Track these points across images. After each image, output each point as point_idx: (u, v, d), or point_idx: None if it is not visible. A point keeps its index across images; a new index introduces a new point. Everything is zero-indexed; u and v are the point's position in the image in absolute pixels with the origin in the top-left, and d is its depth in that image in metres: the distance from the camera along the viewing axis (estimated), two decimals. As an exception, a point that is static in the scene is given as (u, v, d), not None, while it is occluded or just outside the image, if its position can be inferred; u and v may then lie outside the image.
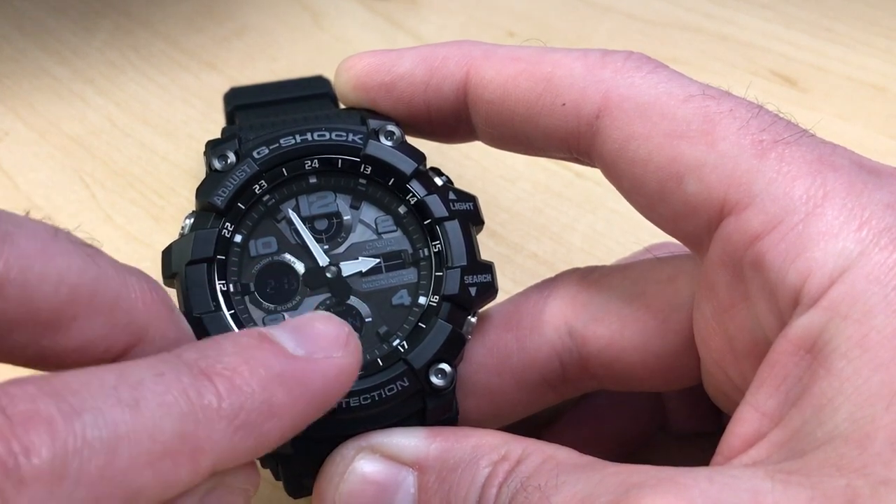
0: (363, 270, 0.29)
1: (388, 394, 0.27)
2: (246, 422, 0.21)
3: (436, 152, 0.33)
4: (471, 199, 0.30)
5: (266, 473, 0.29)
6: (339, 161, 0.29)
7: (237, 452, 0.21)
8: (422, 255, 0.29)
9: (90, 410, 0.18)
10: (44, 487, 0.17)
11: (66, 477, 0.18)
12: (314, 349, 0.23)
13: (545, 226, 0.45)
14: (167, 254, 0.28)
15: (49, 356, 0.22)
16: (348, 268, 0.29)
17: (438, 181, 0.30)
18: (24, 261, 0.21)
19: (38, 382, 0.19)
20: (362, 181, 0.30)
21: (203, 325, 0.27)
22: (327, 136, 0.29)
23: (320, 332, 0.23)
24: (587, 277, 0.30)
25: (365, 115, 0.30)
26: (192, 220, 0.28)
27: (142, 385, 0.20)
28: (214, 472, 0.21)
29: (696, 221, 0.26)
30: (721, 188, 0.25)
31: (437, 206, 0.29)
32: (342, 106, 0.32)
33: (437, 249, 0.29)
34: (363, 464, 0.26)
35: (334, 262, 0.29)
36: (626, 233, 0.44)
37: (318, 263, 0.29)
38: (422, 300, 0.29)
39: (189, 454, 0.20)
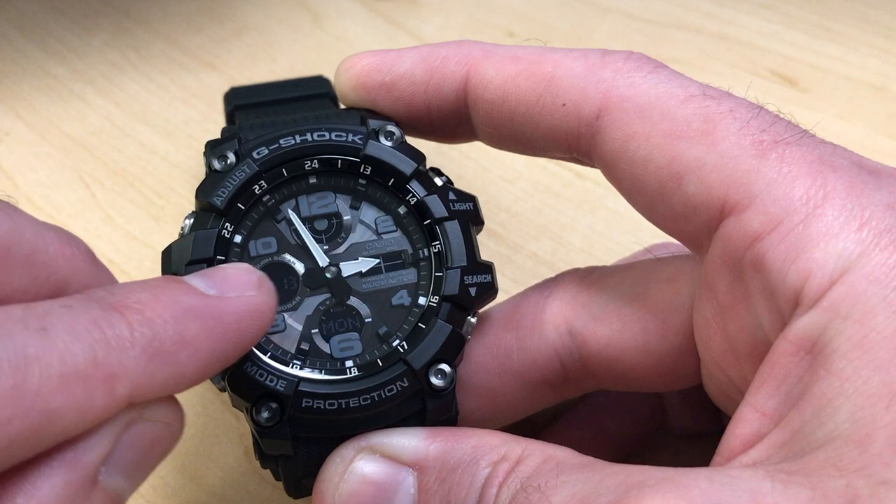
0: (363, 271, 0.29)
1: (387, 394, 0.27)
2: (160, 350, 0.21)
3: (435, 152, 0.33)
4: (471, 199, 0.30)
5: (266, 473, 0.29)
6: (339, 161, 0.29)
7: (153, 381, 0.21)
8: (422, 256, 0.29)
9: None
10: None
11: None
12: (226, 289, 0.23)
13: (545, 226, 0.45)
14: (167, 254, 0.28)
15: None
16: (348, 268, 0.29)
17: (438, 181, 0.30)
18: None
19: None
20: (362, 181, 0.30)
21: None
22: (327, 137, 0.29)
23: (231, 275, 0.24)
24: (587, 277, 0.30)
25: (365, 115, 0.30)
26: (192, 220, 0.28)
27: (50, 314, 0.20)
28: (132, 402, 0.21)
29: (696, 222, 0.26)
30: (721, 188, 0.25)
31: (436, 206, 0.29)
32: (342, 106, 0.32)
33: (436, 250, 0.29)
34: (363, 464, 0.26)
35: (334, 262, 0.29)
36: (626, 233, 0.44)
37: (317, 264, 0.29)
38: (422, 300, 0.29)
39: (103, 380, 0.20)
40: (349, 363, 0.28)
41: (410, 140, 0.30)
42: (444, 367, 0.28)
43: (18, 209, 0.23)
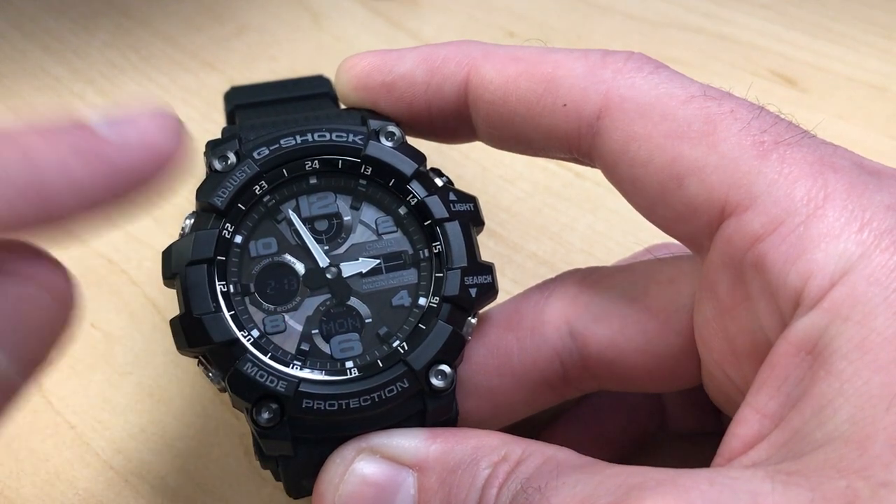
0: (363, 271, 0.29)
1: (387, 395, 0.27)
2: (33, 186, 0.19)
3: (436, 152, 0.33)
4: (471, 199, 0.30)
5: (266, 474, 0.29)
6: (340, 162, 0.29)
7: (26, 215, 0.19)
8: (422, 256, 0.29)
9: None
10: None
11: None
12: (126, 133, 0.21)
13: (545, 226, 0.45)
14: (167, 254, 0.28)
15: None
16: (348, 268, 0.29)
17: (439, 182, 0.30)
18: None
19: None
20: (363, 182, 0.30)
21: (203, 325, 0.27)
22: (328, 137, 0.29)
23: (134, 115, 0.22)
24: (588, 278, 0.30)
25: (365, 115, 0.30)
26: (193, 220, 0.28)
27: None
28: (5, 229, 0.19)
29: (696, 223, 0.26)
30: (722, 189, 0.25)
31: (437, 206, 0.29)
32: (343, 106, 0.32)
33: (437, 250, 0.29)
34: (363, 465, 0.26)
35: (334, 262, 0.29)
36: (626, 233, 0.44)
37: (318, 264, 0.29)
38: (422, 301, 0.29)
39: None
40: (349, 364, 0.28)
41: (411, 140, 0.30)
42: (445, 367, 0.28)
43: None
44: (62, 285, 0.21)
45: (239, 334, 0.27)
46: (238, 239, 0.29)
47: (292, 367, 0.27)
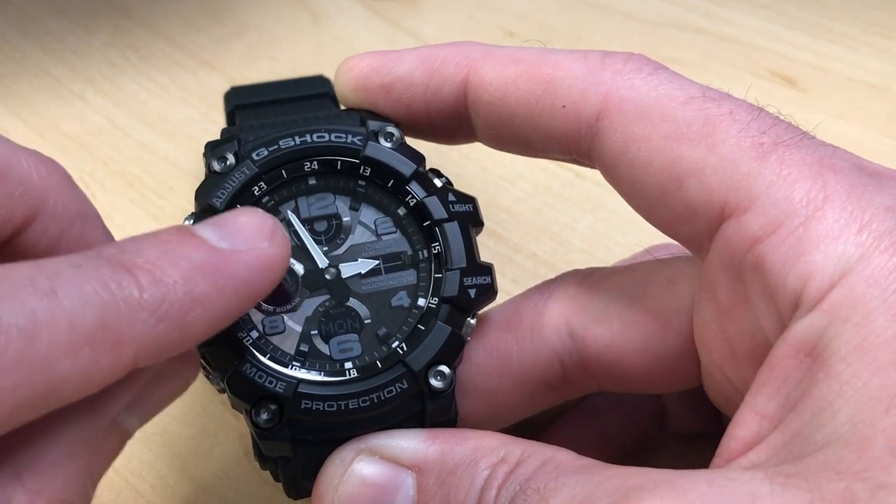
0: (362, 272, 0.29)
1: (387, 396, 0.27)
2: (168, 313, 0.20)
3: (435, 153, 0.33)
4: (470, 200, 0.30)
5: (266, 474, 0.29)
6: (339, 163, 0.29)
7: (161, 344, 0.21)
8: (421, 257, 0.29)
9: (7, 298, 0.18)
10: None
11: None
12: (238, 241, 0.23)
13: (545, 226, 0.45)
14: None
15: None
16: (347, 269, 0.29)
17: (438, 183, 0.30)
18: None
19: None
20: (362, 183, 0.30)
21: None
22: (327, 138, 0.29)
23: (243, 224, 0.23)
24: (587, 279, 0.30)
25: (365, 116, 0.30)
26: (192, 221, 0.28)
27: (59, 276, 0.19)
28: (137, 363, 0.20)
29: (696, 224, 0.26)
30: (721, 191, 0.25)
31: (436, 207, 0.29)
32: (342, 107, 0.32)
33: (436, 251, 0.29)
34: (362, 466, 0.26)
35: (333, 263, 0.29)
36: (626, 233, 0.44)
37: (317, 265, 0.29)
38: (421, 302, 0.29)
39: (110, 344, 0.19)
40: (348, 364, 0.28)
41: (410, 141, 0.30)
42: (444, 368, 0.28)
43: None
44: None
45: (238, 335, 0.27)
46: (237, 240, 0.29)
47: (291, 368, 0.27)
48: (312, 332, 0.28)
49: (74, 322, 0.19)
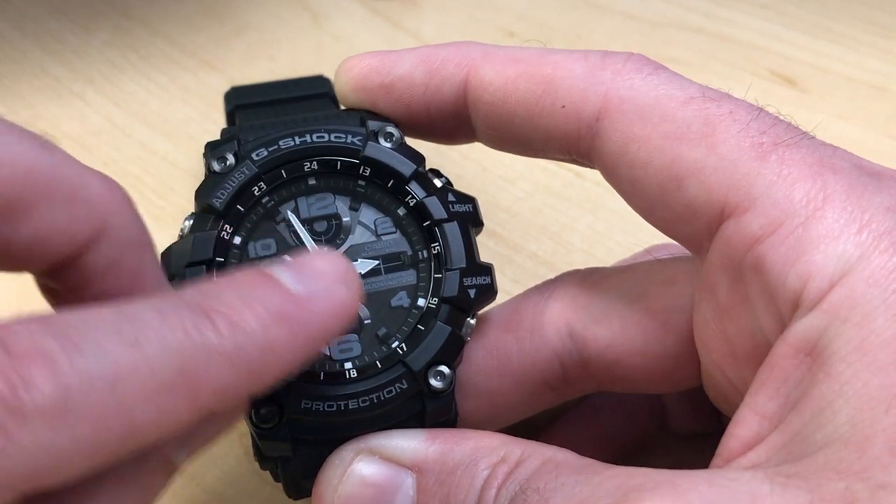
0: (362, 272, 0.29)
1: (386, 396, 0.27)
2: (245, 360, 0.20)
3: (435, 153, 0.33)
4: (470, 200, 0.30)
5: (266, 474, 0.29)
6: (339, 163, 0.29)
7: (236, 390, 0.21)
8: (421, 257, 0.29)
9: (91, 347, 0.18)
10: (46, 422, 0.17)
11: (68, 412, 0.18)
12: (314, 286, 0.22)
13: (545, 226, 0.45)
14: (166, 255, 0.28)
15: (10, 246, 0.22)
16: None
17: (438, 183, 0.30)
18: None
19: (40, 320, 0.19)
20: (361, 183, 0.30)
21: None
22: (326, 138, 0.29)
23: (319, 269, 0.23)
24: (587, 279, 0.30)
25: (364, 116, 0.30)
26: (191, 221, 0.28)
27: (141, 321, 0.19)
28: (211, 410, 0.20)
29: (696, 224, 0.26)
30: (721, 191, 0.25)
31: (436, 207, 0.29)
32: (342, 106, 0.32)
33: (436, 251, 0.29)
34: (362, 466, 0.26)
35: (333, 263, 0.29)
36: (626, 233, 0.44)
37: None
38: (421, 302, 0.29)
39: (188, 391, 0.19)
40: (348, 365, 0.28)
41: (410, 141, 0.30)
42: (444, 368, 0.28)
43: (57, 145, 0.23)
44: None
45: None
46: (237, 240, 0.29)
47: (291, 368, 0.27)
48: (312, 332, 0.28)
49: (156, 371, 0.19)
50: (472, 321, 0.29)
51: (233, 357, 0.20)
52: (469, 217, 0.29)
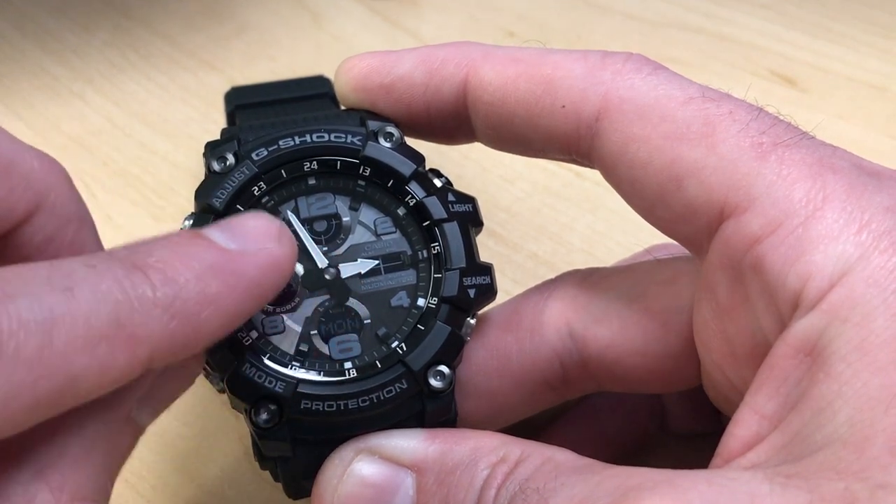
0: (362, 272, 0.29)
1: (386, 396, 0.27)
2: (182, 310, 0.21)
3: (435, 152, 0.33)
4: (470, 200, 0.30)
5: (266, 474, 0.29)
6: (338, 163, 0.29)
7: (175, 342, 0.21)
8: (421, 257, 0.29)
9: (24, 295, 0.19)
10: None
11: (2, 357, 0.18)
12: (246, 242, 0.23)
13: (545, 226, 0.45)
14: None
15: None
16: (347, 269, 0.29)
17: (437, 183, 0.30)
18: None
19: None
20: (361, 183, 0.30)
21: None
22: (326, 138, 0.29)
23: (251, 226, 0.24)
24: (587, 279, 0.30)
25: (364, 116, 0.30)
26: (191, 221, 0.28)
27: (75, 274, 0.20)
28: (152, 362, 0.21)
29: (695, 224, 0.26)
30: (721, 191, 0.25)
31: (436, 207, 0.29)
32: (342, 106, 0.32)
33: (435, 251, 0.29)
34: (362, 466, 0.26)
35: (333, 263, 0.29)
36: (626, 233, 0.44)
37: (316, 265, 0.29)
38: (420, 302, 0.29)
39: (125, 341, 0.20)
40: (348, 364, 0.28)
41: (410, 141, 0.30)
42: (443, 368, 0.28)
43: None
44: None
45: (237, 335, 0.27)
46: (237, 240, 0.29)
47: (291, 368, 0.27)
48: (312, 332, 0.28)
49: (90, 319, 0.19)
50: (472, 321, 0.29)
51: (169, 308, 0.21)
52: (469, 217, 0.29)
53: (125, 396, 0.23)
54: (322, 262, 0.29)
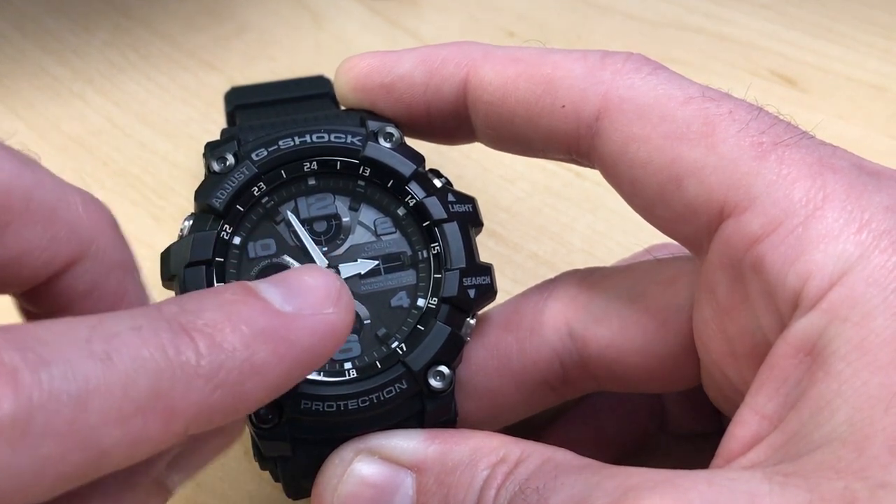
0: (362, 272, 0.29)
1: (386, 396, 0.27)
2: (225, 381, 0.19)
3: (435, 153, 0.33)
4: (470, 200, 0.30)
5: (266, 474, 0.29)
6: (338, 163, 0.29)
7: (214, 413, 0.20)
8: (421, 257, 0.29)
9: (59, 362, 0.18)
10: (5, 441, 0.17)
11: (30, 431, 0.17)
12: (303, 305, 0.21)
13: (545, 226, 0.45)
14: (166, 256, 0.28)
15: None
16: (347, 269, 0.29)
17: (437, 183, 0.30)
18: None
19: (4, 330, 0.18)
20: (361, 183, 0.30)
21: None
22: (326, 138, 0.29)
23: (309, 286, 0.22)
24: (587, 279, 0.30)
25: (364, 116, 0.30)
26: (191, 221, 0.28)
27: (117, 338, 0.19)
28: (188, 432, 0.20)
29: (695, 224, 0.26)
30: (721, 190, 0.25)
31: (435, 207, 0.29)
32: (342, 106, 0.32)
33: (435, 251, 0.29)
34: (362, 466, 0.26)
35: (333, 263, 0.29)
36: (627, 233, 0.44)
37: (316, 265, 0.29)
38: (420, 302, 0.29)
39: (162, 413, 0.19)
40: (348, 365, 0.28)
41: (410, 141, 0.30)
42: (443, 368, 0.28)
43: (40, 163, 0.22)
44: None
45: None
46: (236, 240, 0.29)
47: (291, 368, 0.27)
48: (312, 332, 0.28)
49: (128, 390, 0.18)
50: (472, 321, 0.29)
51: (212, 378, 0.19)
52: (469, 217, 0.29)
53: (155, 460, 0.21)
54: (322, 262, 0.29)
